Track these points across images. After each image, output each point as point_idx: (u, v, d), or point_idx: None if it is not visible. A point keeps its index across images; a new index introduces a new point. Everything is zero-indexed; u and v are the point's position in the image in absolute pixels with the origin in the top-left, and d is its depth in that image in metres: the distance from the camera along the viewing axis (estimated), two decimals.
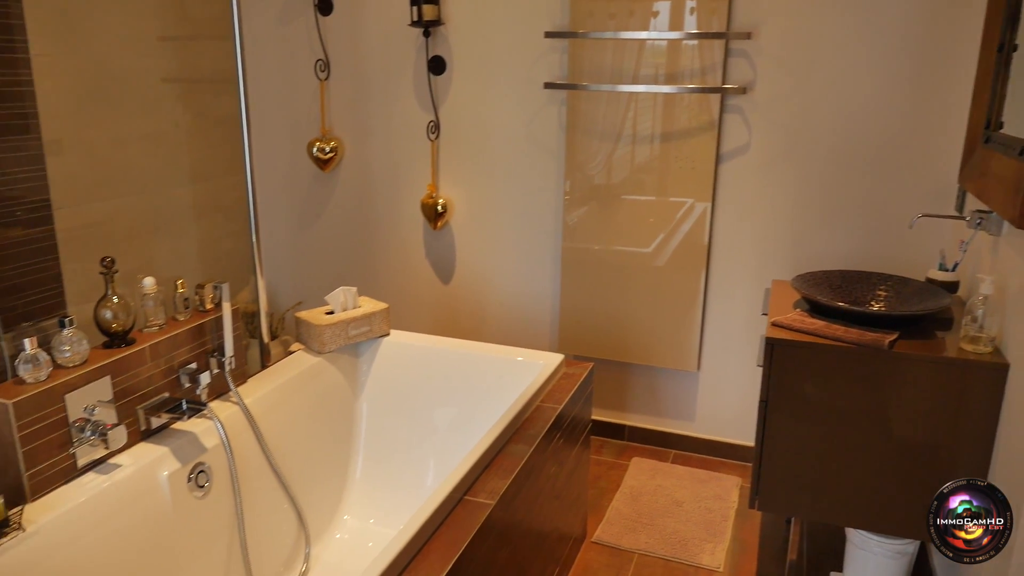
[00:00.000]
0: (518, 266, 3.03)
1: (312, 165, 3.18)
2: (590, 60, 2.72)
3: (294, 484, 2.03)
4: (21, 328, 2.32)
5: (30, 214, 2.42)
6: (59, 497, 1.49)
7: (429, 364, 2.31)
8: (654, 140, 2.71)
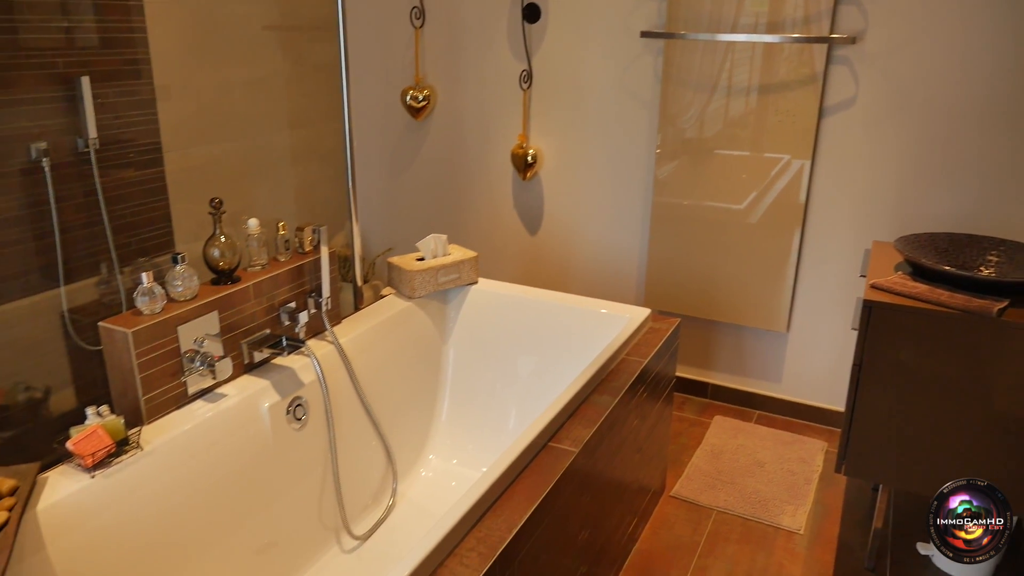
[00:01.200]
0: (606, 219, 3.01)
1: (405, 113, 3.22)
2: (689, 8, 2.63)
3: (383, 422, 2.12)
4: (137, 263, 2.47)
5: (142, 156, 2.56)
6: (171, 421, 1.60)
7: (515, 313, 2.34)
8: (751, 93, 2.61)
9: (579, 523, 1.70)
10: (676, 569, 2.10)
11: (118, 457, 1.46)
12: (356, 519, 2.02)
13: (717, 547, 2.19)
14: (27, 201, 2.23)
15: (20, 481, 1.34)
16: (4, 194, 2.18)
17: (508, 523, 1.39)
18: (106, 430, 1.44)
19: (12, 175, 2.18)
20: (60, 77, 2.26)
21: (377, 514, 2.08)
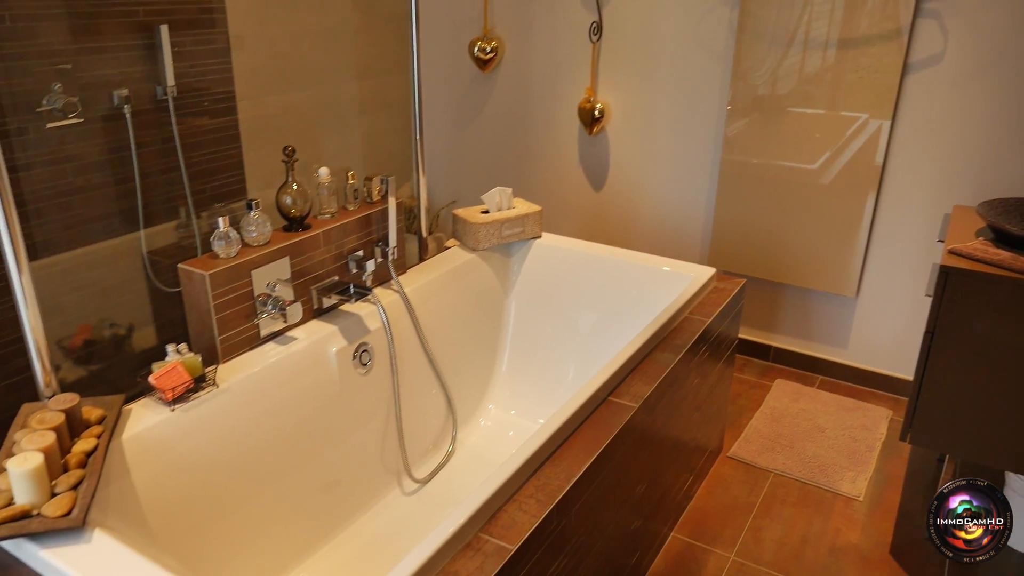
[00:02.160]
0: (672, 176, 2.96)
1: (472, 65, 3.20)
2: None
3: (445, 371, 2.16)
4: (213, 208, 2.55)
5: (217, 104, 2.61)
6: (245, 361, 1.66)
7: (578, 268, 2.34)
8: (829, 47, 2.51)
9: (636, 477, 1.71)
10: (730, 528, 2.10)
11: (195, 393, 1.53)
12: (416, 463, 2.08)
13: (773, 509, 2.18)
14: (109, 147, 2.32)
15: (107, 411, 1.42)
16: (88, 139, 2.27)
17: (567, 473, 1.41)
18: (185, 367, 1.50)
19: (95, 121, 2.27)
20: (140, 25, 2.32)
21: (437, 459, 2.13)
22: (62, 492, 1.21)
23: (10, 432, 1.33)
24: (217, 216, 1.64)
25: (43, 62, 2.13)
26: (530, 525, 1.28)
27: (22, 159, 2.14)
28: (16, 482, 1.17)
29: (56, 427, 1.28)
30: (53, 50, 2.15)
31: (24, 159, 2.15)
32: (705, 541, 2.05)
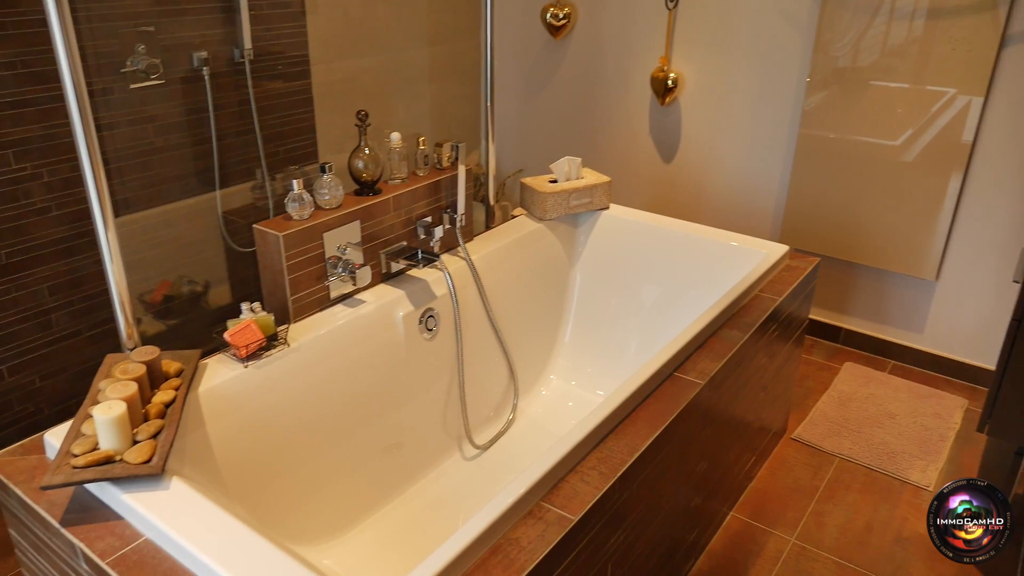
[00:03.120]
0: (746, 149, 2.88)
1: (544, 32, 3.16)
2: None
3: (508, 339, 2.16)
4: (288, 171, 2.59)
5: (291, 68, 2.65)
6: (315, 322, 1.70)
7: (645, 241, 2.30)
8: (918, 17, 2.38)
9: (698, 454, 1.69)
10: (792, 511, 2.07)
11: (268, 351, 1.57)
12: (477, 429, 2.10)
13: (837, 494, 2.13)
14: (187, 108, 2.38)
15: (184, 365, 1.47)
16: (168, 100, 2.33)
17: (630, 446, 1.40)
18: (258, 325, 1.54)
19: (176, 83, 2.32)
20: None
21: (497, 426, 2.15)
22: (143, 440, 1.26)
23: (95, 380, 1.39)
24: (291, 178, 1.66)
25: (128, 24, 2.19)
26: (592, 496, 1.28)
27: (106, 119, 2.21)
28: (101, 428, 1.22)
29: (138, 378, 1.33)
30: (138, 12, 2.20)
31: (108, 119, 2.22)
32: (765, 522, 2.03)
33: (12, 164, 2.06)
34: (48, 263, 2.19)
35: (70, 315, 2.27)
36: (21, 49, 2.01)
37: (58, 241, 2.19)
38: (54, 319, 2.24)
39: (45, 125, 2.10)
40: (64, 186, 2.17)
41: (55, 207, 2.17)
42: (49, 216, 2.16)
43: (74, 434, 1.28)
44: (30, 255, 2.15)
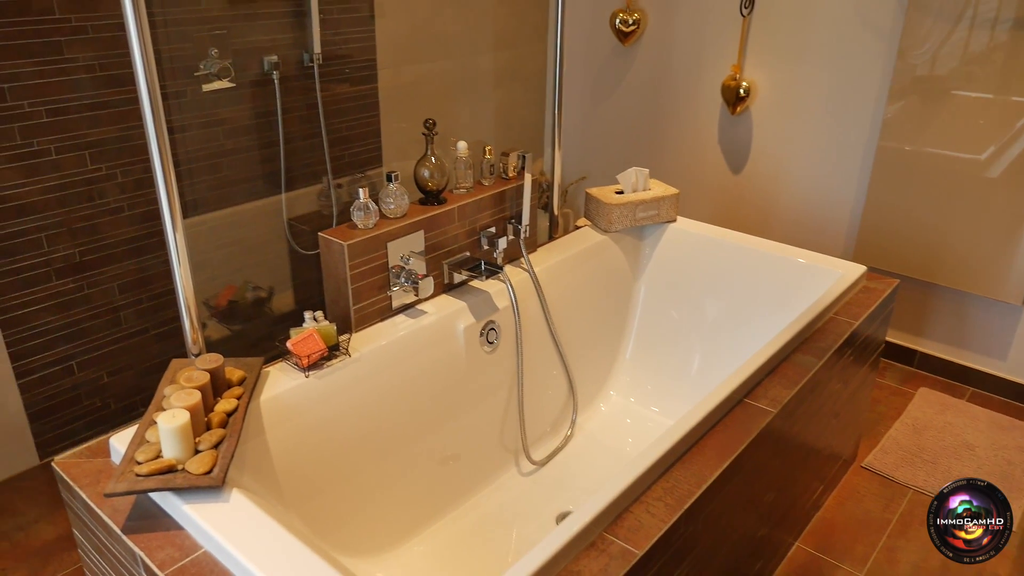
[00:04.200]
0: (820, 162, 2.77)
1: (612, 37, 3.10)
2: None
3: (569, 353, 2.12)
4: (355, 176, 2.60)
5: (358, 73, 2.65)
6: (376, 332, 1.68)
7: (712, 256, 2.23)
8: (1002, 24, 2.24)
9: (766, 484, 1.62)
10: (861, 545, 1.97)
11: (329, 361, 1.55)
12: (534, 444, 2.06)
13: (911, 529, 2.03)
14: (257, 111, 2.40)
15: (247, 373, 1.47)
16: (239, 104, 2.35)
17: (697, 477, 1.34)
18: (320, 335, 1.53)
19: (246, 86, 2.35)
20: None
21: (555, 442, 2.11)
22: (204, 450, 1.26)
23: (160, 385, 1.40)
24: (358, 186, 1.65)
25: (201, 28, 2.22)
26: (657, 530, 1.23)
27: (179, 121, 2.25)
28: (165, 437, 1.22)
29: (201, 386, 1.33)
30: (211, 17, 2.23)
31: (180, 121, 2.25)
32: (833, 555, 1.93)
33: (88, 165, 2.11)
34: (119, 262, 2.23)
35: (138, 313, 2.31)
36: (100, 53, 2.05)
37: (129, 240, 2.24)
38: (123, 316, 2.28)
39: (121, 127, 2.14)
40: (136, 187, 2.21)
41: (127, 207, 2.22)
42: (121, 216, 2.21)
43: (138, 440, 1.28)
44: (102, 254, 2.20)
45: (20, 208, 2.02)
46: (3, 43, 1.89)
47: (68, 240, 2.12)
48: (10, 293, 2.06)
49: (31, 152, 2.00)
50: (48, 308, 2.13)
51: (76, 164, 2.08)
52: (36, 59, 1.95)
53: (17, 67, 1.93)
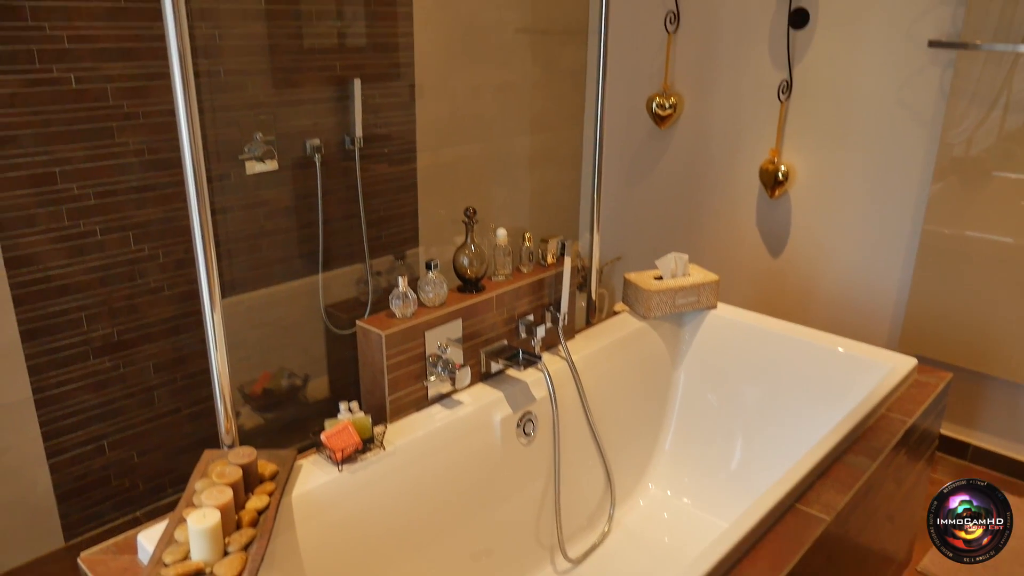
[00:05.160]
0: (861, 246, 2.72)
1: (649, 120, 3.12)
2: (993, 14, 2.28)
3: (607, 445, 2.05)
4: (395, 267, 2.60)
5: (398, 155, 2.69)
6: (412, 423, 1.64)
7: (754, 345, 2.17)
8: None
9: None
10: None
11: (363, 454, 1.51)
12: (570, 540, 1.98)
13: None
14: (297, 193, 2.43)
15: (280, 466, 1.43)
16: (280, 185, 2.39)
17: None
18: (355, 427, 1.50)
19: (288, 168, 2.38)
20: (336, 79, 2.43)
21: (592, 538, 2.02)
22: (234, 552, 1.21)
23: (192, 479, 1.37)
24: (397, 274, 1.64)
25: (248, 113, 2.27)
26: None
27: (221, 203, 2.28)
28: (194, 538, 1.18)
29: (233, 483, 1.30)
30: (258, 102, 2.28)
31: (222, 203, 2.28)
32: None
33: (131, 245, 2.13)
34: (156, 341, 2.24)
35: (171, 392, 2.30)
36: (149, 137, 2.10)
37: (167, 320, 2.24)
38: (156, 396, 2.27)
39: (165, 208, 2.18)
40: (176, 267, 2.23)
41: (167, 287, 2.23)
42: (161, 295, 2.22)
43: (167, 539, 1.24)
44: (140, 333, 2.20)
45: (63, 288, 2.04)
46: (59, 129, 1.95)
47: (108, 320, 2.13)
48: (48, 372, 2.06)
49: (77, 233, 2.04)
50: (84, 387, 2.13)
51: (120, 245, 2.11)
52: (88, 143, 2.00)
53: (71, 151, 1.98)
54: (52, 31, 1.89)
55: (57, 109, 1.94)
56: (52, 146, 1.95)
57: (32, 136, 1.91)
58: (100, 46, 1.97)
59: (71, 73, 1.94)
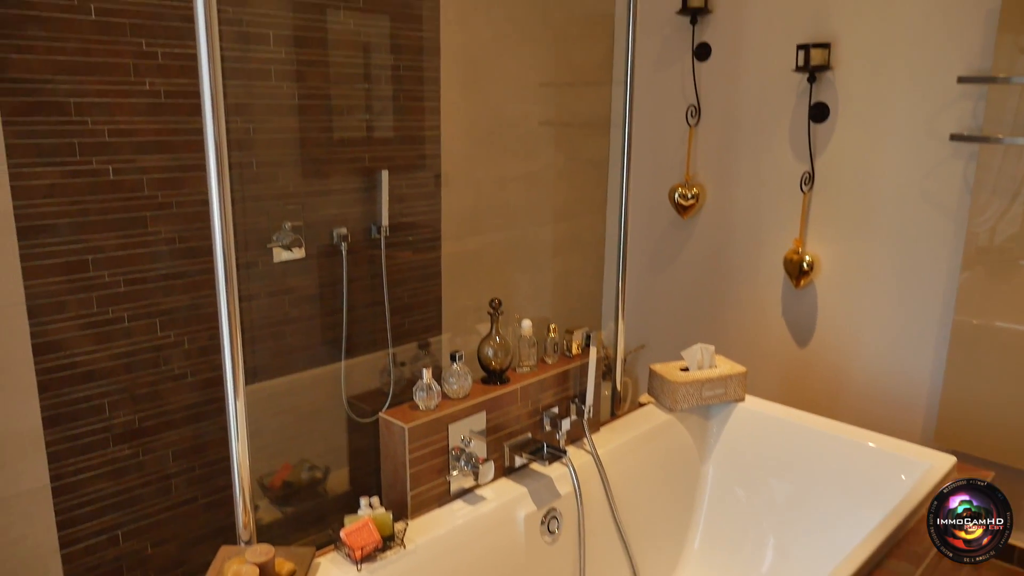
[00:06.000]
0: (891, 337, 2.67)
1: (671, 210, 3.15)
2: (1012, 108, 2.30)
3: (634, 544, 1.98)
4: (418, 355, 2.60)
5: (422, 243, 2.72)
6: (433, 520, 1.59)
7: (784, 440, 2.11)
8: None
9: None
10: None
11: (383, 552, 1.47)
12: None
13: None
14: (322, 280, 2.45)
15: (297, 565, 1.39)
16: (306, 273, 2.41)
17: None
18: (375, 524, 1.46)
19: (314, 256, 2.41)
20: (364, 170, 2.49)
21: None
22: None
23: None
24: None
25: (278, 202, 2.32)
26: None
27: (247, 290, 2.30)
28: None
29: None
30: (288, 192, 2.33)
31: (249, 290, 2.30)
32: None
33: (158, 332, 2.15)
34: (176, 428, 2.22)
35: (189, 481, 2.27)
36: (181, 226, 2.14)
37: (188, 407, 2.23)
38: (174, 484, 2.24)
39: (192, 295, 2.20)
40: (200, 353, 2.24)
41: (190, 373, 2.23)
42: (183, 382, 2.22)
43: None
44: (161, 420, 2.19)
45: (88, 374, 2.05)
46: (95, 218, 1.99)
47: (130, 406, 2.13)
48: (67, 459, 2.05)
49: (105, 320, 2.05)
50: (102, 475, 2.11)
51: (146, 331, 2.13)
52: (122, 232, 2.04)
53: (104, 240, 2.02)
54: (94, 125, 1.96)
55: (94, 199, 1.99)
56: (87, 235, 1.99)
57: (68, 225, 1.96)
58: (138, 139, 2.04)
59: (109, 165, 2.00)
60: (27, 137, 1.85)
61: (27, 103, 1.84)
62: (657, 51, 3.12)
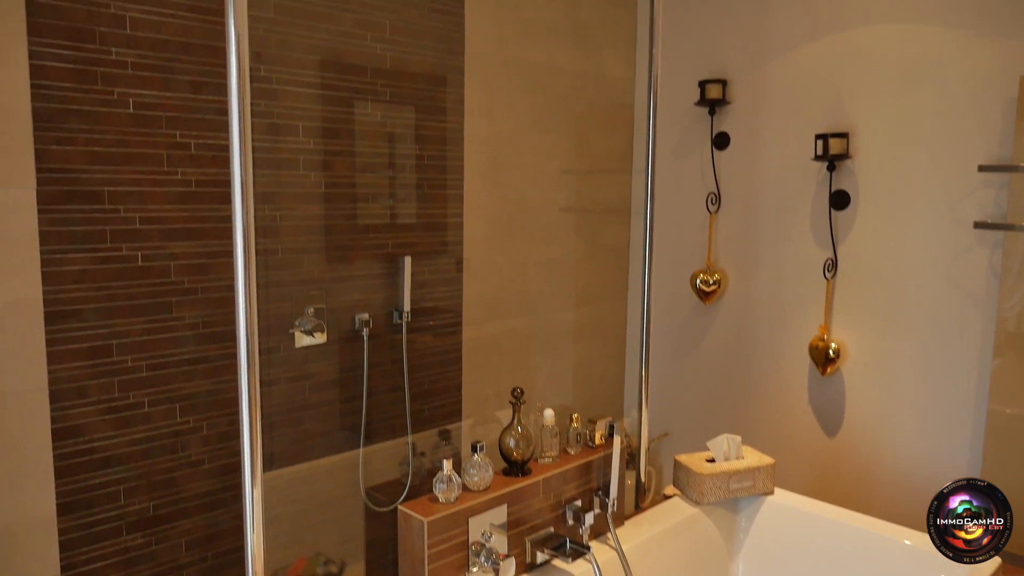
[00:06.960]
0: (922, 426, 2.60)
1: (693, 296, 3.13)
2: None
3: None
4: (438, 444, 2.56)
5: (443, 329, 2.72)
6: None
7: (815, 535, 2.03)
8: None
9: None
10: None
11: None
12: None
13: None
14: (343, 366, 2.44)
15: None
16: (327, 359, 2.41)
17: None
18: None
19: (336, 342, 2.41)
20: (387, 256, 2.51)
21: None
22: None
23: None
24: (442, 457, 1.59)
25: (301, 288, 2.34)
26: None
27: (268, 375, 2.30)
28: None
29: None
30: (311, 278, 2.35)
31: (270, 375, 2.30)
32: None
33: (177, 418, 2.14)
34: (191, 516, 2.18)
35: (201, 571, 2.21)
36: (205, 311, 2.16)
37: (204, 495, 2.20)
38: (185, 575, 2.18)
39: (213, 380, 2.19)
40: (218, 439, 2.22)
41: (207, 460, 2.20)
42: (200, 469, 2.19)
43: None
44: (176, 508, 2.15)
45: (106, 460, 2.03)
46: (121, 303, 2.01)
47: (145, 493, 2.09)
48: (79, 547, 2.00)
49: (126, 405, 2.05)
50: (113, 565, 2.06)
51: (166, 417, 2.12)
52: (147, 317, 2.06)
53: (129, 324, 2.04)
54: (126, 212, 2.01)
55: (121, 285, 2.01)
56: (112, 320, 2.01)
57: (94, 310, 1.98)
58: (169, 226, 2.08)
59: (139, 251, 2.03)
60: (61, 224, 1.90)
61: (63, 192, 1.89)
62: (676, 140, 3.17)
